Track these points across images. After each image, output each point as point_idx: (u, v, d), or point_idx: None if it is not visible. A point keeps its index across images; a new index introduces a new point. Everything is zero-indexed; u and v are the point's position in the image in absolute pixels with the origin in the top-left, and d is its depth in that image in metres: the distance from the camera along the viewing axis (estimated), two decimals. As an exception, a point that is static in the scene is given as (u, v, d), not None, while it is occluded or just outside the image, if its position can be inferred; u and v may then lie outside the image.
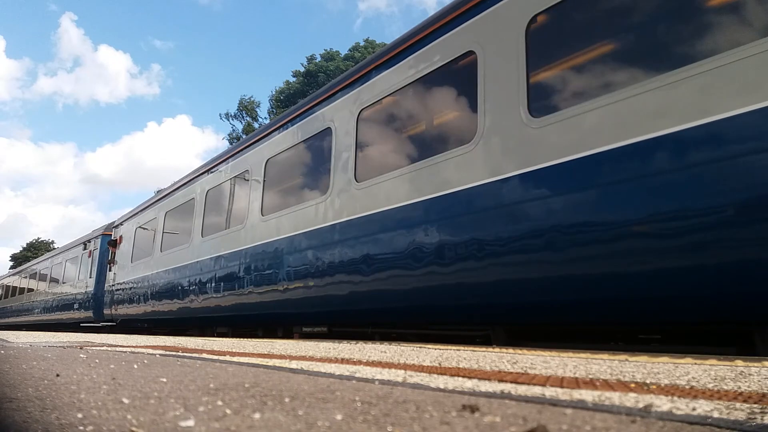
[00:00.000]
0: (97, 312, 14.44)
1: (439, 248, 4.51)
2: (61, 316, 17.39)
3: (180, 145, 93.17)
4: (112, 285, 13.17)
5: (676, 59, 3.28)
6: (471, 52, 4.61)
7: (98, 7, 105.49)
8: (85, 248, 16.32)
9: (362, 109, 5.85)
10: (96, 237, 15.63)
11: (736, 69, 2.99)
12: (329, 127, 6.32)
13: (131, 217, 13.09)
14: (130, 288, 12.07)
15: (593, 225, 3.54)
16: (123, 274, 12.68)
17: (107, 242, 14.48)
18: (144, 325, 12.06)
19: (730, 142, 2.96)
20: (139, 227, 12.15)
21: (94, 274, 15.16)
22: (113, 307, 12.96)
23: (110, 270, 13.60)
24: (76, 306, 16.23)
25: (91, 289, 15.20)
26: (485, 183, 4.22)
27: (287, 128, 7.24)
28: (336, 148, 6.12)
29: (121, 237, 13.31)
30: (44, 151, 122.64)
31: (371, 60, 5.98)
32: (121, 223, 13.65)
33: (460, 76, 4.82)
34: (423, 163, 4.89)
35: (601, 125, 3.54)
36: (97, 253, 15.25)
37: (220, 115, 49.77)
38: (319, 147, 6.53)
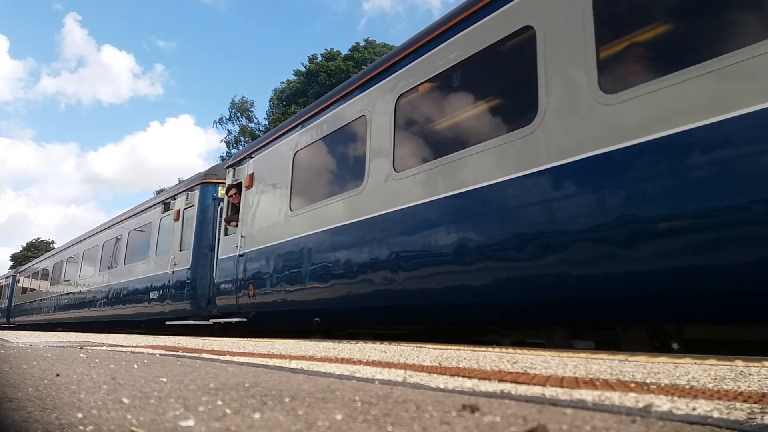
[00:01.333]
0: (198, 302, 9.50)
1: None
2: (126, 311, 12.10)
3: (183, 145, 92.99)
4: (240, 254, 7.97)
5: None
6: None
7: (102, 7, 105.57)
8: (167, 209, 11.04)
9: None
10: (189, 189, 10.37)
11: None
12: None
13: (275, 139, 7.90)
14: (279, 258, 7.07)
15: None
16: (262, 235, 7.59)
17: (216, 192, 9.75)
18: (315, 321, 6.46)
19: None
20: (302, 149, 7.14)
21: (189, 245, 9.87)
22: (240, 292, 7.86)
23: (225, 234, 8.63)
24: (154, 296, 10.83)
25: (183, 268, 9.89)
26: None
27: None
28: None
29: (252, 176, 8.18)
30: (46, 151, 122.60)
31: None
32: (249, 155, 8.44)
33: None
34: None
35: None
36: (194, 212, 9.99)
37: (214, 122, 49.26)
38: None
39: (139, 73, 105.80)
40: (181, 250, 10.09)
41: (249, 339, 6.44)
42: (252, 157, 8.37)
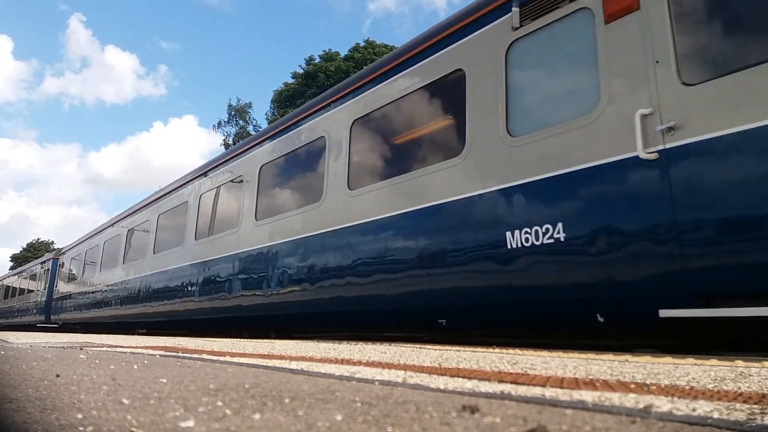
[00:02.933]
0: None
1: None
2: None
3: (185, 145, 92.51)
4: None
5: None
6: None
7: (107, 7, 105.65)
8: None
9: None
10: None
11: None
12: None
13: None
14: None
15: None
16: None
17: None
18: None
19: None
20: None
21: None
22: None
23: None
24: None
25: None
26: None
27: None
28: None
29: None
30: (48, 152, 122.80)
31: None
32: None
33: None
34: None
35: None
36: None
37: (213, 125, 49.03)
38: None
39: (143, 74, 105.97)
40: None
41: (248, 340, 6.44)
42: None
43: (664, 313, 3.21)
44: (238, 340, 6.49)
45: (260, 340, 6.01)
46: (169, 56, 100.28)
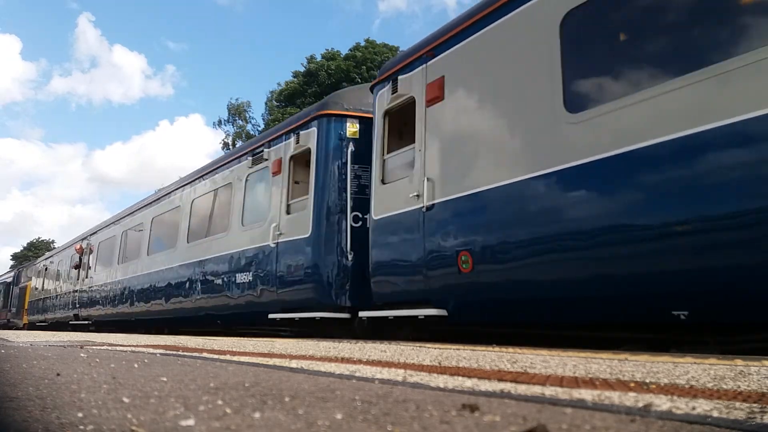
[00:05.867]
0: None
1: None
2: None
3: (192, 144, 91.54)
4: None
5: None
6: None
7: (116, 7, 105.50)
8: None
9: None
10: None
11: None
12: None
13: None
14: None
15: None
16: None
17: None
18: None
19: None
20: None
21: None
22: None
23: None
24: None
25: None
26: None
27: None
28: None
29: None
30: (54, 152, 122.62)
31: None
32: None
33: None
34: None
35: None
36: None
37: (213, 123, 48.82)
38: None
39: (151, 74, 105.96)
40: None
41: (249, 339, 6.44)
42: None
43: None
44: (239, 338, 6.49)
45: (261, 339, 6.02)
46: (177, 56, 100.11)
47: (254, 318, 7.88)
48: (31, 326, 20.90)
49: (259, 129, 40.37)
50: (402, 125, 6.14)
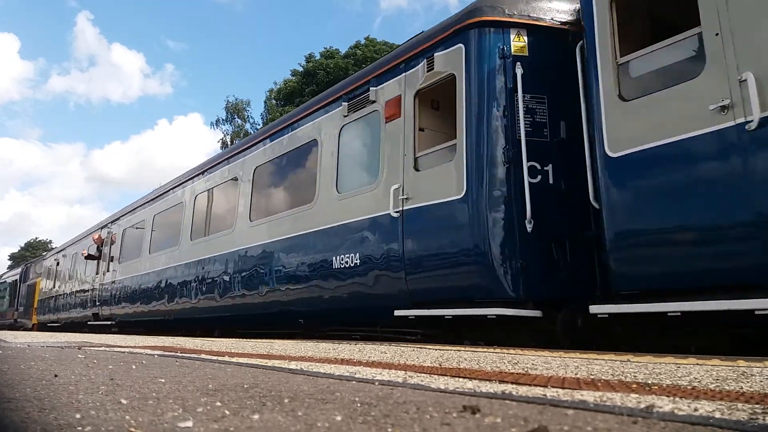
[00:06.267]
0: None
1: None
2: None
3: (191, 143, 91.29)
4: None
5: None
6: None
7: (115, 6, 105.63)
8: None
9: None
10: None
11: None
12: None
13: None
14: None
15: None
16: None
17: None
18: None
19: None
20: None
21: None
22: None
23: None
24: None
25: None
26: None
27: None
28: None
29: None
30: (53, 152, 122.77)
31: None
32: None
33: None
34: None
35: None
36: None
37: (211, 123, 48.76)
38: None
39: (150, 73, 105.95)
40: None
41: (248, 340, 6.43)
42: None
43: None
44: (238, 340, 6.48)
45: (260, 341, 6.00)
46: (177, 55, 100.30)
47: (362, 315, 5.89)
48: (42, 327, 19.23)
49: (258, 128, 40.28)
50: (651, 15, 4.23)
